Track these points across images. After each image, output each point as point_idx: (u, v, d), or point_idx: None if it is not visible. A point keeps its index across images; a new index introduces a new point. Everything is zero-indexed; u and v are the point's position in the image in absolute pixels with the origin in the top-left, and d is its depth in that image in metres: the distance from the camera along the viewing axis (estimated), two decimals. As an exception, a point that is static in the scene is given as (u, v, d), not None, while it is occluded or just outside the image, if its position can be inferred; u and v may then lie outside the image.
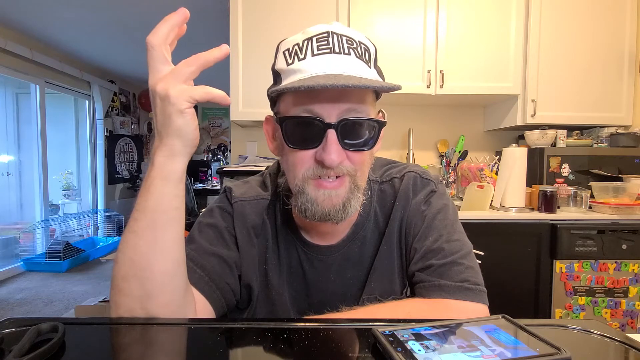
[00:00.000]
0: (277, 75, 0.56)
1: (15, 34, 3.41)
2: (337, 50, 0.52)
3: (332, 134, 0.51)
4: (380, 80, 0.56)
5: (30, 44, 3.55)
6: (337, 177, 0.54)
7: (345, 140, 0.52)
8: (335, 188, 0.54)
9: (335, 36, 0.53)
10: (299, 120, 0.53)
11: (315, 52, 0.52)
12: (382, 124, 0.55)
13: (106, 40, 3.70)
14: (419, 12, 1.99)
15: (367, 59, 0.55)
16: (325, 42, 0.53)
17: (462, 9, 1.99)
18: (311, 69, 0.51)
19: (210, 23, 3.12)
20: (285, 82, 0.53)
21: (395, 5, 1.99)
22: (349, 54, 0.52)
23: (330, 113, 0.52)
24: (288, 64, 0.54)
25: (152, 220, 0.48)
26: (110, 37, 3.59)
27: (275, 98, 0.57)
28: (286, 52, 0.55)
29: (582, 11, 1.99)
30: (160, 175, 0.47)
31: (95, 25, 3.29)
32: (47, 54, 3.73)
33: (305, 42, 0.53)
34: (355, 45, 0.53)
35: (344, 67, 0.51)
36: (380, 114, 0.60)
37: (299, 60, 0.53)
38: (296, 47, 0.54)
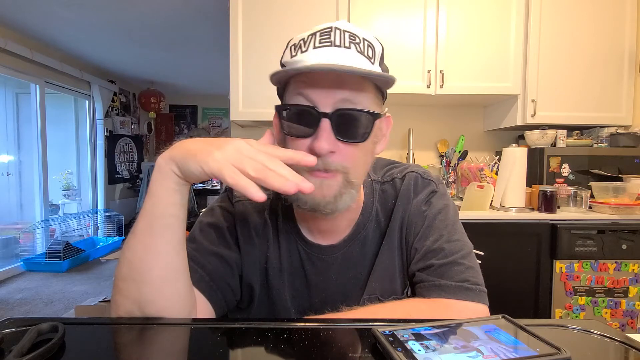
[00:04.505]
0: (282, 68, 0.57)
1: (15, 34, 3.41)
2: (337, 43, 0.53)
3: (325, 123, 0.51)
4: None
5: (30, 44, 3.55)
6: (328, 172, 0.53)
7: (338, 131, 0.52)
8: (326, 178, 0.53)
9: (338, 31, 0.53)
10: (294, 109, 0.53)
11: (317, 45, 0.53)
12: (376, 116, 0.53)
13: (106, 40, 3.70)
14: (419, 12, 1.99)
15: (370, 55, 0.54)
16: (327, 36, 0.53)
17: (462, 9, 1.99)
18: (310, 59, 0.52)
19: (210, 23, 3.12)
20: None
21: (395, 5, 1.99)
22: (349, 47, 0.52)
23: (326, 102, 0.52)
24: (292, 57, 0.55)
25: (149, 224, 0.48)
26: (110, 37, 3.59)
27: (282, 91, 0.58)
28: (292, 46, 0.56)
29: (582, 11, 1.99)
30: (159, 179, 0.48)
31: (95, 25, 3.29)
32: (47, 54, 3.73)
33: (310, 36, 0.54)
34: (357, 41, 0.53)
35: (342, 59, 0.51)
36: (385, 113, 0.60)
37: (302, 52, 0.53)
38: (301, 41, 0.55)
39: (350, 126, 0.52)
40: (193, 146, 0.47)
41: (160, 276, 0.48)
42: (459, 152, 2.25)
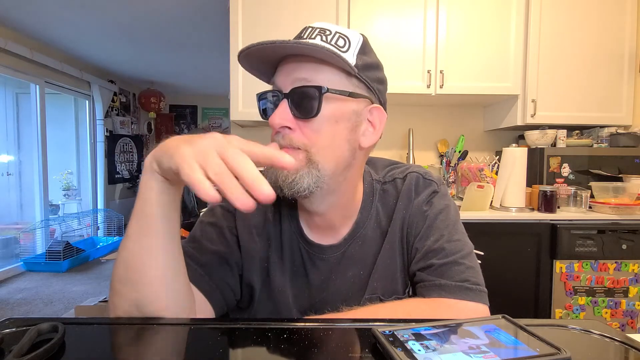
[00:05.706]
0: None
1: (15, 34, 3.41)
2: (304, 38, 0.55)
3: (283, 101, 0.54)
4: (352, 66, 0.54)
5: (30, 44, 3.55)
6: (292, 149, 0.54)
7: (295, 109, 0.54)
8: (290, 154, 0.50)
9: (310, 29, 0.56)
10: (264, 94, 0.58)
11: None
12: (322, 90, 0.52)
13: (106, 40, 3.70)
14: (419, 12, 1.99)
15: (341, 44, 0.55)
16: (299, 34, 0.56)
17: (462, 9, 1.99)
18: None
19: (210, 23, 3.12)
20: None
21: (395, 5, 1.99)
22: (314, 39, 0.55)
23: (285, 83, 0.55)
24: None
25: (140, 224, 0.47)
26: (110, 37, 3.59)
27: None
28: None
29: (582, 11, 1.99)
30: (144, 179, 0.47)
31: (95, 25, 3.29)
32: (47, 54, 3.73)
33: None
34: (328, 34, 0.55)
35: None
36: (370, 104, 0.58)
37: None
38: None
39: (303, 102, 0.53)
40: (171, 142, 0.44)
41: (157, 276, 0.48)
42: (459, 152, 2.25)
